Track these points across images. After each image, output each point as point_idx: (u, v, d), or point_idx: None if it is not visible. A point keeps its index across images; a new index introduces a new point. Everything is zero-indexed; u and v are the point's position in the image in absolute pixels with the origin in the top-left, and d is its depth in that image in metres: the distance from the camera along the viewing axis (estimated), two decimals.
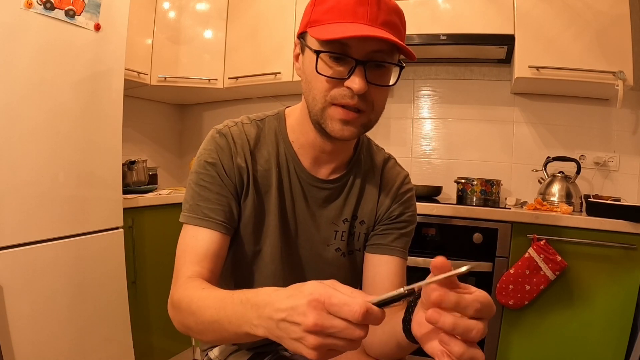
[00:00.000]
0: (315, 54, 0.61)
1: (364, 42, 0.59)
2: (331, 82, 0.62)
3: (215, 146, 0.71)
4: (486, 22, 1.73)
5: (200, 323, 0.58)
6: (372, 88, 0.62)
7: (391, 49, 0.61)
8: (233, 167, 0.71)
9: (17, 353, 1.16)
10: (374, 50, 0.60)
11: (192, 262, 0.66)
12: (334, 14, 0.60)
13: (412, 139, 2.17)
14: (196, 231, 0.68)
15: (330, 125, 0.64)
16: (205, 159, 0.71)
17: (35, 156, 1.23)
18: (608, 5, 1.60)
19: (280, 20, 2.01)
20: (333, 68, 0.61)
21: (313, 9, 0.64)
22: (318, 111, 0.64)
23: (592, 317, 1.43)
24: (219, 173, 0.70)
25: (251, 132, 0.74)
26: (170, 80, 2.11)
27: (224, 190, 0.70)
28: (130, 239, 1.63)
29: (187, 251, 0.67)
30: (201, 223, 0.68)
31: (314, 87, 0.64)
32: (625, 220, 1.37)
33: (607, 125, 1.90)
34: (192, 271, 0.65)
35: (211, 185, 0.69)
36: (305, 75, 0.66)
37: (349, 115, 0.62)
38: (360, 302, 0.40)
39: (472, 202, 1.78)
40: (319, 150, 0.73)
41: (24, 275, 1.20)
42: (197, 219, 0.68)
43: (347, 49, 0.60)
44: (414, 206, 0.81)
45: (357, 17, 0.58)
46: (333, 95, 0.62)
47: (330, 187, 0.76)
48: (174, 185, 2.43)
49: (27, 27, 1.18)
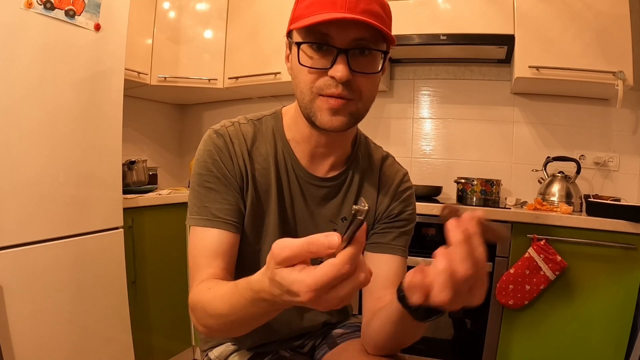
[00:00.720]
0: (297, 47, 0.62)
1: (345, 30, 0.59)
2: (315, 73, 0.62)
3: (214, 147, 0.71)
4: (486, 22, 1.73)
5: (215, 317, 0.57)
6: (358, 76, 0.62)
7: (374, 37, 0.61)
8: (233, 166, 0.71)
9: (17, 353, 1.16)
10: (356, 39, 0.60)
11: (205, 264, 0.66)
12: (314, 7, 0.60)
13: (412, 139, 2.17)
14: (205, 232, 0.68)
15: (319, 117, 0.64)
16: (205, 160, 0.70)
17: (35, 156, 1.23)
18: (608, 5, 1.60)
19: (280, 20, 2.00)
20: (315, 59, 0.62)
21: (296, 7, 0.65)
22: (307, 104, 0.65)
23: (592, 317, 1.43)
24: (222, 173, 0.70)
25: (248, 132, 0.74)
26: (170, 80, 2.11)
27: (229, 190, 0.70)
28: (130, 239, 1.63)
29: (198, 254, 0.67)
30: (209, 224, 0.68)
31: (300, 80, 0.64)
32: (625, 220, 1.37)
33: (607, 125, 1.90)
34: (206, 274, 0.64)
35: (216, 185, 0.69)
36: (293, 71, 0.67)
37: (336, 103, 0.62)
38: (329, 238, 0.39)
39: (472, 202, 1.78)
40: (314, 145, 0.73)
41: (24, 275, 1.20)
42: (205, 220, 0.68)
43: (328, 38, 0.60)
44: (414, 204, 0.81)
45: (336, 7, 0.59)
46: (318, 86, 0.62)
47: (329, 185, 0.76)
48: (174, 185, 2.43)
49: (27, 27, 1.18)
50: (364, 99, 0.65)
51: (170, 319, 1.92)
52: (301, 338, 0.86)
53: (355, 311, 0.99)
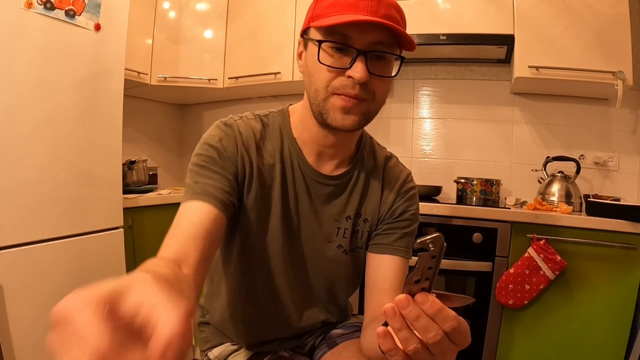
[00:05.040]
0: (317, 45, 0.63)
1: (365, 33, 0.60)
2: (333, 72, 0.63)
3: (221, 133, 0.69)
4: (486, 22, 1.73)
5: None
6: (374, 78, 0.63)
7: (392, 41, 0.62)
8: (237, 154, 0.69)
9: (17, 353, 1.16)
10: (375, 42, 0.61)
11: (171, 236, 0.58)
12: (335, 8, 0.61)
13: (412, 139, 2.17)
14: (188, 205, 0.63)
15: (332, 115, 0.64)
16: (206, 142, 0.68)
17: (35, 156, 1.23)
18: (608, 5, 1.60)
19: (280, 20, 2.01)
20: (335, 58, 0.62)
21: (316, 6, 0.65)
22: (320, 102, 0.65)
23: (592, 317, 1.44)
24: (220, 155, 0.67)
25: (256, 127, 0.73)
26: (170, 80, 2.11)
27: (223, 170, 0.67)
28: (130, 238, 1.63)
29: (174, 225, 0.61)
30: (194, 197, 0.63)
31: (316, 78, 0.64)
32: (625, 220, 1.37)
33: (606, 125, 1.90)
34: (169, 250, 0.56)
35: (210, 164, 0.66)
36: (308, 69, 0.67)
37: (350, 102, 0.63)
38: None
39: (472, 202, 1.78)
40: (321, 145, 0.73)
41: (24, 275, 1.20)
42: (193, 194, 0.63)
43: (349, 39, 0.61)
44: (417, 204, 0.81)
45: (358, 9, 0.60)
46: (335, 85, 0.63)
47: (334, 184, 0.76)
48: (174, 185, 2.43)
49: (27, 27, 1.18)
50: (376, 101, 0.66)
51: None
52: (300, 338, 0.86)
53: (355, 311, 0.99)
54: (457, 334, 0.41)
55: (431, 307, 0.40)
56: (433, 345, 0.40)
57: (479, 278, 1.53)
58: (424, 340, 0.40)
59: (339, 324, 0.89)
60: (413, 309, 0.39)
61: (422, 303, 0.40)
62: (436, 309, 0.40)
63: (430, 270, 0.39)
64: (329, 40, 0.62)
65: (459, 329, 0.40)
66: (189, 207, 0.62)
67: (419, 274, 0.39)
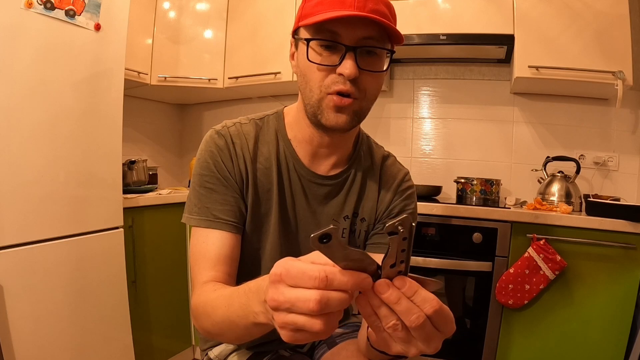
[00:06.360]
0: (306, 43, 0.63)
1: (354, 28, 0.60)
2: (324, 70, 0.63)
3: (215, 147, 0.71)
4: (486, 22, 1.73)
5: (215, 324, 0.57)
6: (364, 74, 0.63)
7: (381, 36, 0.62)
8: (234, 167, 0.71)
9: (17, 353, 1.16)
10: (364, 37, 0.61)
11: (207, 267, 0.66)
12: (323, 5, 0.61)
13: (412, 139, 2.17)
14: (207, 235, 0.68)
15: (325, 114, 0.65)
16: (206, 160, 0.71)
17: (35, 156, 1.23)
18: (608, 5, 1.61)
19: (280, 20, 2.01)
20: (324, 56, 0.63)
21: (304, 5, 0.66)
22: (315, 102, 0.65)
23: (592, 317, 1.44)
24: (223, 175, 0.70)
25: (250, 132, 0.74)
26: (170, 80, 2.11)
27: (230, 191, 0.70)
28: (130, 238, 1.63)
29: (200, 257, 0.68)
30: (211, 225, 0.69)
31: (309, 79, 0.65)
32: (625, 220, 1.37)
33: (606, 125, 1.90)
34: (208, 276, 0.65)
35: (216, 186, 0.70)
36: (300, 70, 0.67)
37: (342, 101, 0.63)
38: (318, 268, 0.37)
39: (472, 202, 1.78)
40: (316, 145, 0.73)
41: (24, 275, 1.20)
42: (207, 221, 0.69)
43: (337, 36, 0.61)
44: (415, 204, 0.81)
45: (345, 5, 0.60)
46: (327, 83, 0.63)
47: (331, 183, 0.76)
48: (174, 185, 2.43)
49: (27, 27, 1.18)
50: (367, 98, 0.66)
51: (170, 319, 1.92)
52: None
53: (355, 311, 0.99)
54: (441, 319, 0.40)
55: (410, 289, 0.39)
56: (416, 329, 0.39)
57: (479, 278, 1.53)
58: (407, 324, 0.39)
59: (338, 323, 0.89)
60: (393, 292, 0.39)
61: (401, 286, 0.39)
62: (414, 290, 0.39)
63: (404, 253, 0.39)
64: (316, 38, 0.62)
65: (441, 312, 0.40)
66: (209, 237, 0.69)
67: (393, 258, 0.39)
